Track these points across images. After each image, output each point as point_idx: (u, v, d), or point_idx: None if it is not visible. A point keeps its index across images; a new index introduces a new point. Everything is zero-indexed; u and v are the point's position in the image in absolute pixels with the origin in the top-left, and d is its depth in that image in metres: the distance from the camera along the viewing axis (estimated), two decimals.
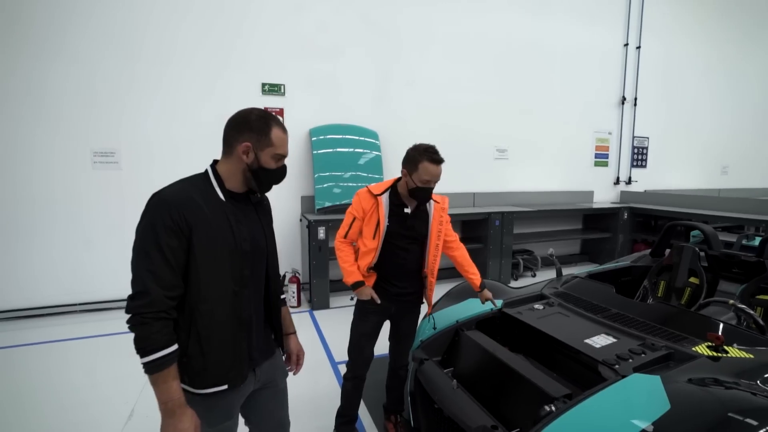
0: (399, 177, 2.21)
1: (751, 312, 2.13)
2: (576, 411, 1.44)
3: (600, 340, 1.91)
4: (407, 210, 2.19)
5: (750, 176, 9.20)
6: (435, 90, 5.88)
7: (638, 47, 7.26)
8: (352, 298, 2.32)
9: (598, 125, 7.27)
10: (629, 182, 7.68)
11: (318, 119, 5.26)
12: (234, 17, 4.82)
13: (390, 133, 5.56)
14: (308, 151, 5.21)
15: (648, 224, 7.27)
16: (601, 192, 7.51)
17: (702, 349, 1.74)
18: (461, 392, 1.80)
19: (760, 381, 1.54)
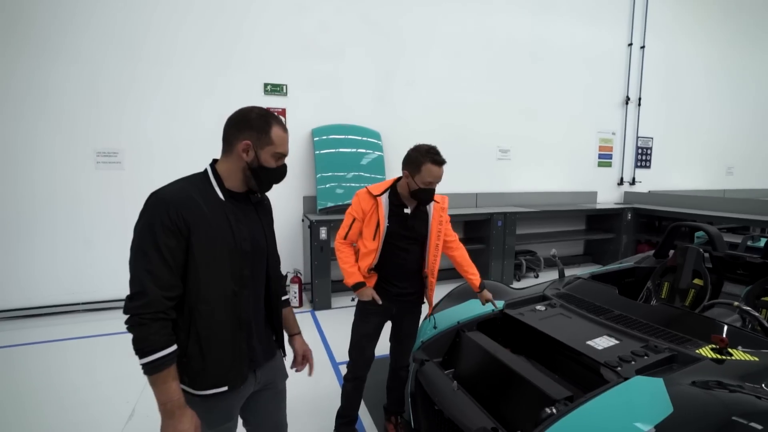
0: (399, 177, 2.20)
1: (756, 314, 2.10)
2: (577, 413, 1.42)
3: (602, 342, 1.89)
4: (407, 210, 2.17)
5: (756, 177, 9.14)
6: (437, 90, 5.86)
7: (642, 47, 7.22)
8: (353, 299, 2.31)
9: (602, 125, 7.23)
10: (633, 183, 7.64)
11: (320, 119, 5.26)
12: (235, 17, 4.82)
13: (392, 133, 5.55)
14: (310, 151, 5.21)
15: (652, 225, 7.23)
16: (605, 192, 7.47)
17: (706, 352, 1.72)
18: (462, 394, 1.79)
19: (765, 384, 1.52)
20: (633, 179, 7.64)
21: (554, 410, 1.48)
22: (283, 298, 1.66)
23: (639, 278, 3.27)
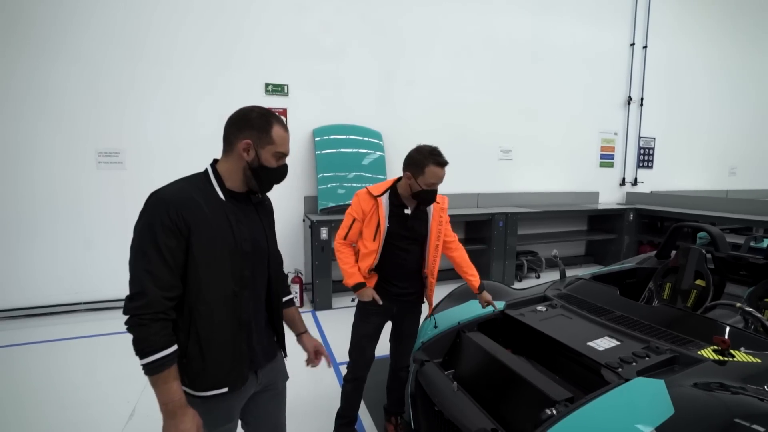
0: (399, 177, 2.20)
1: (759, 315, 2.09)
2: (578, 415, 1.41)
3: (603, 343, 1.88)
4: (407, 211, 2.17)
5: (758, 177, 9.11)
6: (438, 90, 5.86)
7: (645, 47, 7.21)
8: (354, 300, 2.30)
9: (604, 125, 7.22)
10: (635, 183, 7.62)
11: (321, 119, 5.26)
12: (235, 17, 4.82)
13: (393, 134, 5.55)
14: (311, 152, 5.21)
15: (654, 225, 7.21)
16: (607, 193, 7.46)
17: (708, 353, 1.71)
18: (462, 394, 1.79)
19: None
20: (635, 179, 7.62)
21: (555, 411, 1.47)
22: (288, 298, 1.66)
23: (641, 279, 3.26)
